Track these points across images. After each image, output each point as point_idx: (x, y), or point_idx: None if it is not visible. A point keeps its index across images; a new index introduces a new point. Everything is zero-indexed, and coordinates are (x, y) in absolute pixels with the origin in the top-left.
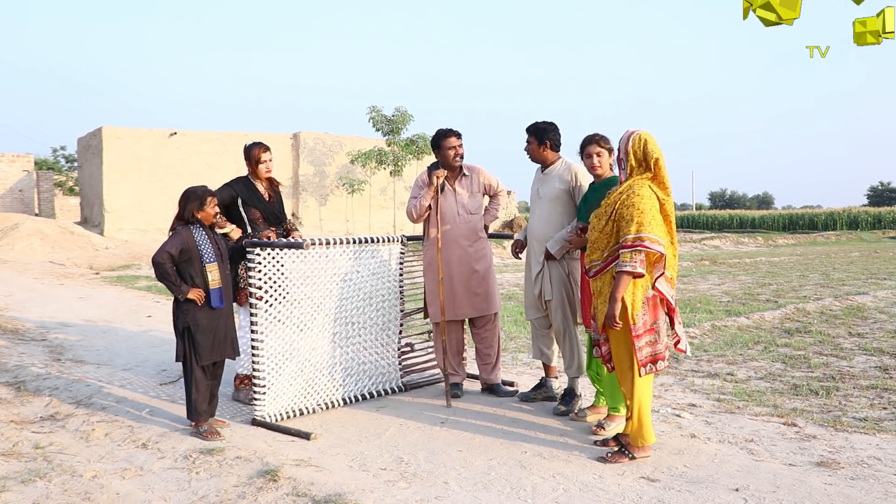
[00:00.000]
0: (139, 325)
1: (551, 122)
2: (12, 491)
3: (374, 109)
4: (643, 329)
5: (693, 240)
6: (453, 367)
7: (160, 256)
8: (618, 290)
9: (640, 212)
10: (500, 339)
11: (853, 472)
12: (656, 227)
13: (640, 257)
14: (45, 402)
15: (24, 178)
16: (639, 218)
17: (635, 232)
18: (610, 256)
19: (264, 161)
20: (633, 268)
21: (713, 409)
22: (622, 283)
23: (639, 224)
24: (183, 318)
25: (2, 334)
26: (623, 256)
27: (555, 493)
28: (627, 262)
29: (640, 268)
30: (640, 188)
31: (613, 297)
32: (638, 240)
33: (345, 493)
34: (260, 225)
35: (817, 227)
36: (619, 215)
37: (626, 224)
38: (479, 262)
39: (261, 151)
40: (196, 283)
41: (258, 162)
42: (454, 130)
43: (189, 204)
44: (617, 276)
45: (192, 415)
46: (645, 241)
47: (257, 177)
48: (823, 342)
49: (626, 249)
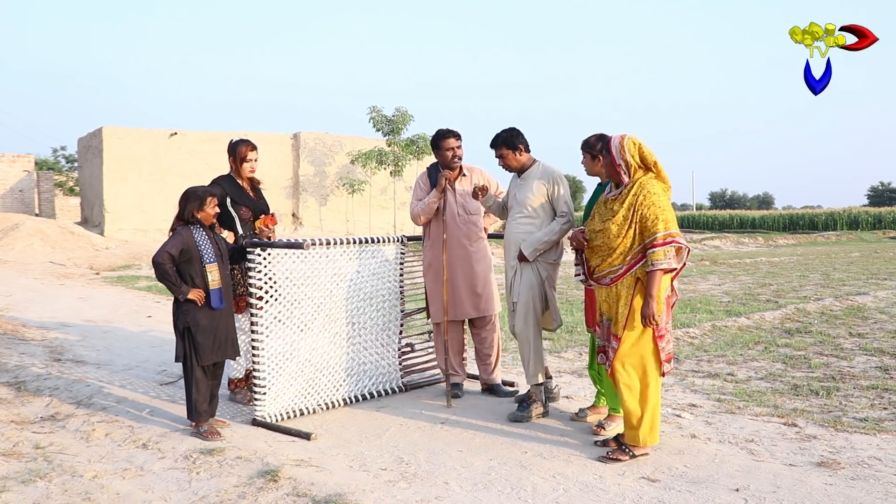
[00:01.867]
0: (139, 325)
1: (512, 127)
2: (13, 491)
3: (375, 109)
4: (665, 330)
5: (693, 240)
6: (454, 367)
7: (160, 257)
8: (654, 287)
9: (662, 210)
10: (500, 340)
11: (853, 473)
12: (675, 223)
13: (672, 253)
14: (46, 402)
15: (24, 178)
16: (663, 216)
17: (664, 229)
18: (633, 259)
19: (250, 160)
20: (669, 264)
21: (713, 409)
22: (657, 281)
23: (665, 221)
24: (183, 318)
25: (2, 334)
26: (656, 255)
27: (555, 493)
28: (662, 259)
29: (674, 263)
30: (653, 186)
31: (650, 294)
32: (669, 236)
33: (345, 494)
34: (249, 223)
35: (818, 228)
36: (642, 216)
37: (651, 224)
38: (480, 262)
39: (248, 149)
40: (196, 283)
41: (243, 160)
42: (453, 131)
43: (189, 204)
44: (650, 275)
45: (193, 415)
46: (675, 237)
47: (240, 175)
48: (824, 342)
49: (658, 248)
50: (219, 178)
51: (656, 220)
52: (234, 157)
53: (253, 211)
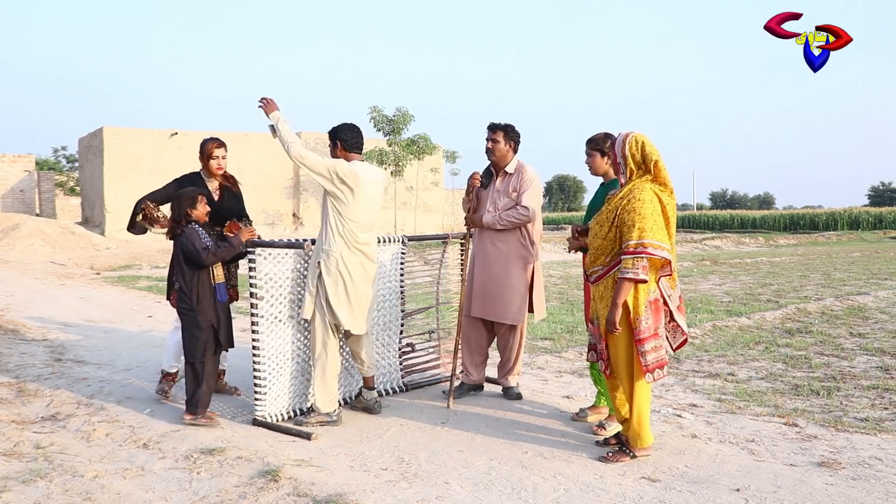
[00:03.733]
0: (140, 325)
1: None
2: (13, 491)
3: (375, 109)
4: (647, 333)
5: (694, 240)
6: (465, 366)
7: (204, 257)
8: (619, 295)
9: (641, 217)
10: (522, 347)
11: (854, 473)
12: (658, 232)
13: (643, 263)
14: (47, 402)
15: (25, 178)
16: (640, 224)
17: (637, 238)
18: (612, 261)
19: (217, 156)
20: (636, 274)
21: (714, 409)
22: (623, 290)
23: (640, 230)
24: (204, 318)
25: (3, 334)
26: (625, 263)
27: (556, 493)
28: (629, 268)
29: (642, 274)
30: (642, 192)
31: (614, 302)
32: (640, 246)
33: (346, 494)
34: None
35: (818, 228)
36: (621, 220)
37: (627, 230)
38: (498, 264)
39: (214, 146)
40: (202, 278)
41: (210, 157)
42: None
43: (183, 205)
44: (618, 282)
45: (195, 408)
46: (648, 247)
47: (210, 173)
48: (824, 342)
49: (627, 256)
50: (183, 176)
51: (632, 226)
52: (202, 155)
53: (216, 212)
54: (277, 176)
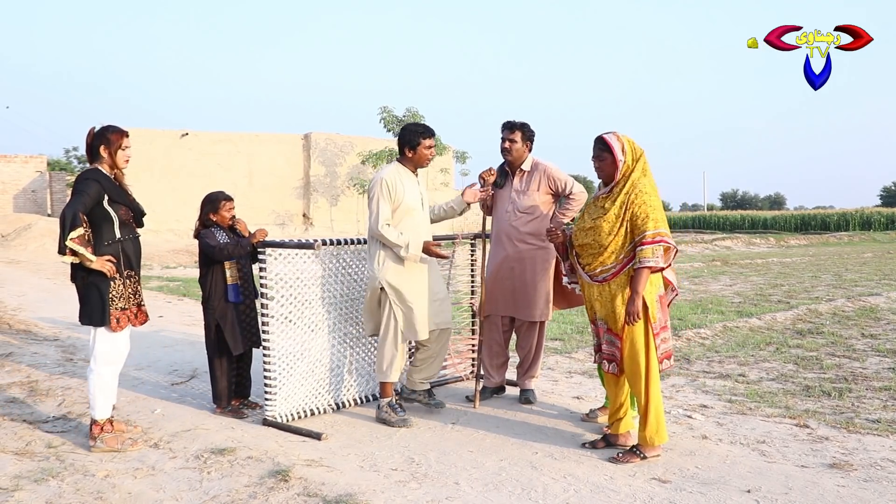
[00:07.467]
0: (150, 325)
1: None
2: (25, 490)
3: (386, 110)
4: (660, 327)
5: (704, 240)
6: (486, 368)
7: (221, 254)
8: (640, 284)
9: (652, 209)
10: (542, 348)
11: (866, 474)
12: (665, 223)
13: (661, 252)
14: (58, 401)
15: (36, 178)
16: (653, 214)
17: (654, 228)
18: (626, 257)
19: (125, 148)
20: (657, 262)
21: (725, 410)
22: (643, 278)
23: (655, 220)
24: (212, 315)
25: (15, 334)
26: (644, 252)
27: (566, 493)
28: (650, 257)
29: (662, 262)
30: (645, 186)
31: (636, 291)
32: (658, 235)
33: (356, 494)
34: (129, 225)
35: (829, 228)
36: (633, 215)
37: (641, 222)
38: (526, 263)
39: (121, 137)
40: (216, 276)
41: (119, 148)
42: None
43: (205, 207)
44: (637, 272)
45: (219, 400)
46: (665, 236)
47: (116, 167)
48: (836, 343)
49: (646, 245)
50: (89, 171)
51: (647, 218)
52: (108, 147)
53: (133, 212)
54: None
